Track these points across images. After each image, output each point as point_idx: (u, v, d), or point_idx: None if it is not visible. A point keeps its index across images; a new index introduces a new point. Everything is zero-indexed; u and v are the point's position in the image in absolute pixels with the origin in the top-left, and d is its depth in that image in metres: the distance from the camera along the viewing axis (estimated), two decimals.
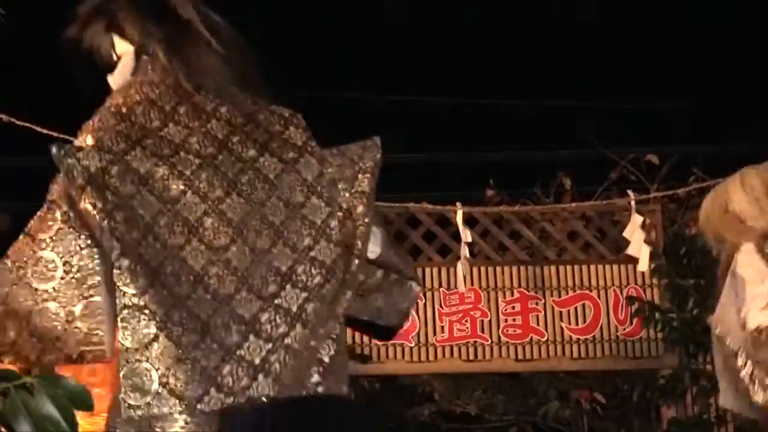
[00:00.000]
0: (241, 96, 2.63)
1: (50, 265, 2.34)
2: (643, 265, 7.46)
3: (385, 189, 10.04)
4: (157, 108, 2.47)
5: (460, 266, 7.52)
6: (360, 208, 2.50)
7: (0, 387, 1.68)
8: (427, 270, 8.01)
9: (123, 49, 2.67)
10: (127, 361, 2.18)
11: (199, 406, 2.16)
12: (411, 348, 7.87)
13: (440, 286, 7.98)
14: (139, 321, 2.21)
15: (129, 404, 2.14)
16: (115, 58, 2.69)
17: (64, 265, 2.34)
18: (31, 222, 2.49)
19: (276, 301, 2.31)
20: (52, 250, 2.36)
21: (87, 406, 1.66)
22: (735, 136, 10.39)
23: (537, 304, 8.05)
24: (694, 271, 7.61)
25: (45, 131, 6.26)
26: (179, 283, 2.25)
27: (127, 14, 2.63)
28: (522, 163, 10.30)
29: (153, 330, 2.19)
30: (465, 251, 7.55)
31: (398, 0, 11.44)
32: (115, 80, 2.70)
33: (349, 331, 7.90)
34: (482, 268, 8.05)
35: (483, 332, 7.90)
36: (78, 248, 2.35)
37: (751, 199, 3.56)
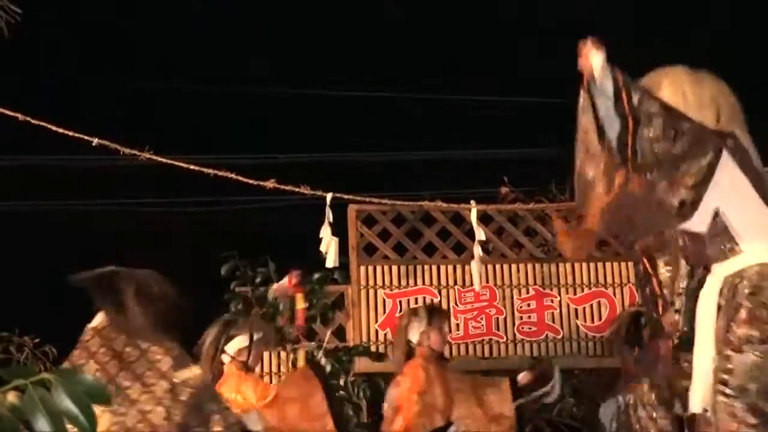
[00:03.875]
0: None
1: None
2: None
3: (400, 187, 10.01)
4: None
5: (474, 264, 7.51)
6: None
7: (18, 383, 1.68)
8: (442, 268, 8.01)
9: None
10: None
11: None
12: None
13: (455, 283, 7.97)
14: None
15: None
16: None
17: None
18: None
19: None
20: None
21: (104, 400, 1.66)
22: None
23: (552, 301, 8.04)
24: None
25: (60, 130, 6.28)
26: None
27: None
28: (537, 161, 10.30)
29: None
30: (478, 250, 7.54)
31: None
32: None
33: (364, 328, 7.91)
34: (497, 266, 8.04)
35: (498, 330, 7.89)
36: None
37: (677, 97, 3.61)
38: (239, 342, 5.74)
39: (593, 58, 3.48)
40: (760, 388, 3.33)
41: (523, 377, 6.53)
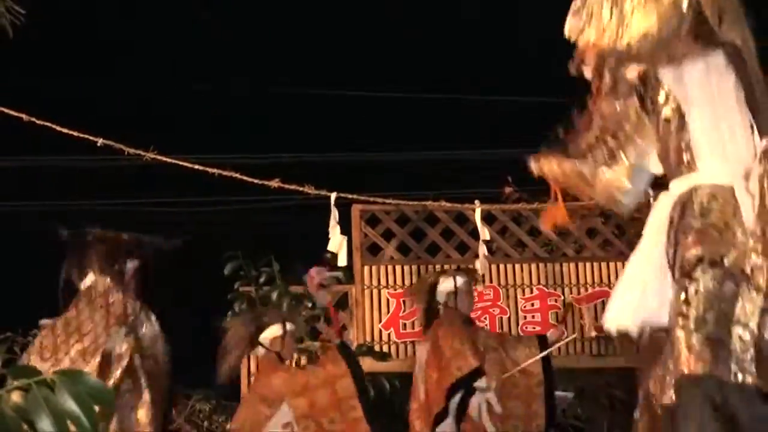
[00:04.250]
0: None
1: None
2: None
3: (404, 187, 10.00)
4: None
5: (478, 264, 7.52)
6: None
7: (21, 383, 1.69)
8: (446, 267, 8.01)
9: None
10: None
11: None
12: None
13: None
14: None
15: None
16: None
17: None
18: None
19: None
20: None
21: (107, 402, 1.67)
22: None
23: (556, 301, 8.03)
24: None
25: (65, 131, 6.29)
26: None
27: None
28: None
29: None
30: (483, 249, 7.55)
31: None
32: None
33: (368, 328, 7.93)
34: (501, 265, 8.04)
35: (502, 329, 7.89)
36: None
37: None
38: (272, 332, 5.74)
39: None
40: (716, 317, 3.09)
41: (552, 333, 6.63)
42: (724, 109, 3.28)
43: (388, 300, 7.93)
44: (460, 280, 6.49)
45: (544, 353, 6.41)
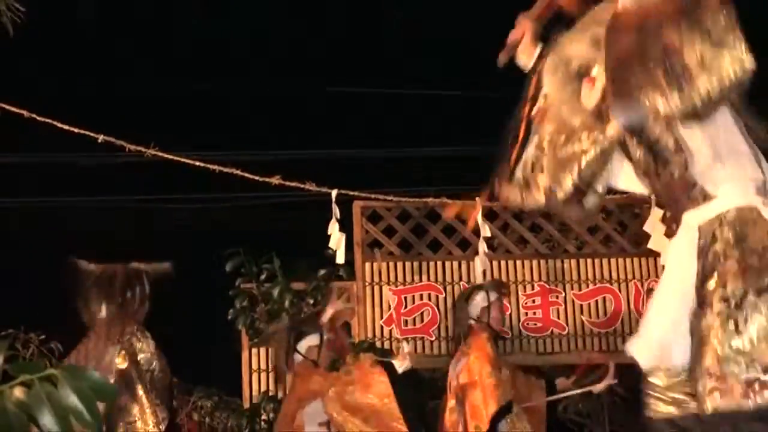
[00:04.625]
0: None
1: None
2: (664, 259, 7.41)
3: (405, 184, 10.01)
4: None
5: (478, 261, 7.52)
6: None
7: (24, 379, 1.69)
8: (447, 264, 8.02)
9: None
10: None
11: None
12: (431, 341, 7.88)
13: (460, 279, 7.97)
14: None
15: None
16: None
17: None
18: None
19: None
20: None
21: (109, 397, 1.67)
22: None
23: (557, 297, 8.04)
24: None
25: (66, 127, 6.29)
26: None
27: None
28: None
29: None
30: (483, 246, 7.55)
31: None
32: None
33: (369, 325, 7.93)
34: (502, 262, 8.05)
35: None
36: None
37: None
38: (309, 341, 5.84)
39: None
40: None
41: (561, 383, 6.59)
42: (724, 132, 3.22)
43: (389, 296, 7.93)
44: (493, 295, 6.46)
45: (551, 398, 6.43)
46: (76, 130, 6.28)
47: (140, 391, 5.22)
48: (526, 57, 3.64)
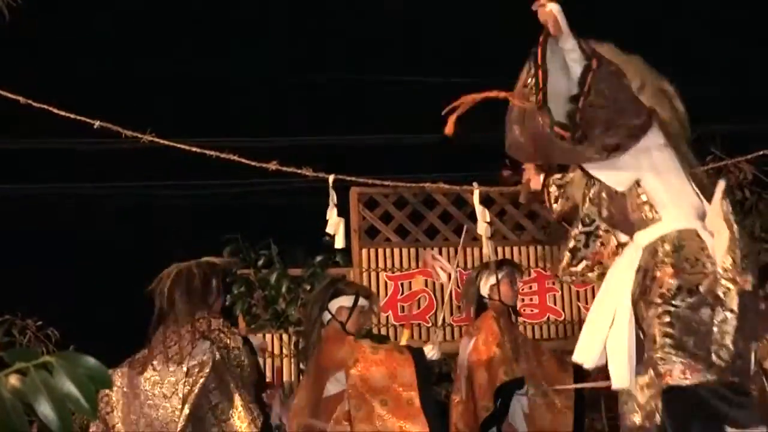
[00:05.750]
0: None
1: None
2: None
3: (402, 169, 10.01)
4: None
5: (487, 245, 7.56)
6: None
7: (20, 366, 1.69)
8: (444, 250, 8.02)
9: None
10: None
11: None
12: (428, 328, 7.89)
13: (457, 266, 7.97)
14: None
15: None
16: None
17: None
18: None
19: None
20: None
21: (106, 383, 1.67)
22: (754, 116, 10.32)
23: (554, 283, 8.04)
24: None
25: (62, 113, 6.27)
26: None
27: None
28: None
29: None
30: (487, 231, 7.56)
31: None
32: None
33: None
34: (499, 248, 8.05)
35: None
36: None
37: None
38: (342, 301, 5.63)
39: (550, 7, 3.64)
40: (695, 339, 3.58)
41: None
42: (668, 169, 3.85)
43: (386, 283, 7.94)
44: (500, 272, 6.53)
45: (577, 386, 6.45)
46: (72, 116, 6.27)
47: (233, 388, 5.15)
48: (535, 186, 4.75)
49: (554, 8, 3.61)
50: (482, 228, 7.62)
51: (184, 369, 5.06)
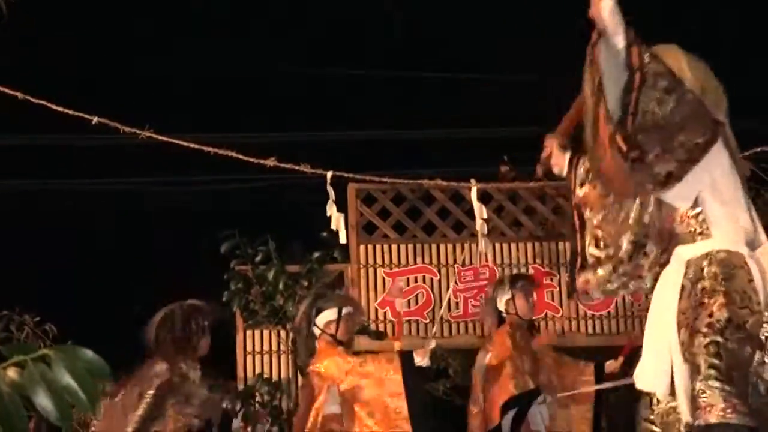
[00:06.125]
0: None
1: None
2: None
3: (400, 166, 10.01)
4: None
5: (481, 242, 7.55)
6: None
7: (18, 359, 1.69)
8: (441, 246, 8.02)
9: None
10: None
11: None
12: (426, 324, 7.89)
13: (454, 262, 7.98)
14: None
15: None
16: None
17: None
18: None
19: None
20: None
21: (105, 376, 1.67)
22: (752, 113, 10.32)
23: (552, 280, 8.05)
24: None
25: (60, 109, 6.28)
26: None
27: None
28: (536, 139, 10.26)
29: None
30: (483, 229, 7.56)
31: None
32: None
33: (364, 306, 7.92)
34: (496, 244, 8.05)
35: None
36: None
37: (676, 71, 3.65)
38: (328, 315, 5.84)
39: (603, 5, 3.48)
40: (739, 376, 3.43)
41: (610, 365, 6.64)
42: (730, 182, 3.65)
43: (384, 279, 7.94)
44: (515, 287, 6.57)
45: (599, 387, 6.48)
46: (70, 112, 6.27)
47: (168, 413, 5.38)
48: (558, 167, 4.27)
49: (606, 3, 3.48)
50: (479, 224, 7.63)
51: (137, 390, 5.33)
